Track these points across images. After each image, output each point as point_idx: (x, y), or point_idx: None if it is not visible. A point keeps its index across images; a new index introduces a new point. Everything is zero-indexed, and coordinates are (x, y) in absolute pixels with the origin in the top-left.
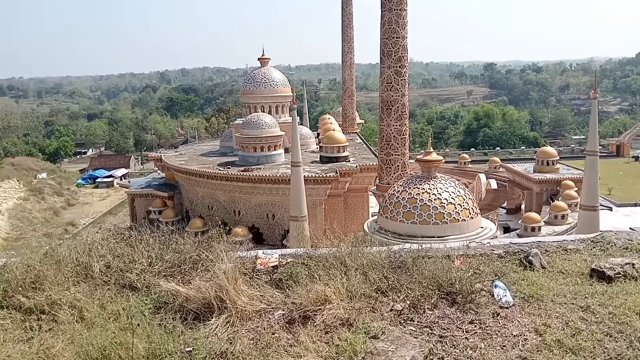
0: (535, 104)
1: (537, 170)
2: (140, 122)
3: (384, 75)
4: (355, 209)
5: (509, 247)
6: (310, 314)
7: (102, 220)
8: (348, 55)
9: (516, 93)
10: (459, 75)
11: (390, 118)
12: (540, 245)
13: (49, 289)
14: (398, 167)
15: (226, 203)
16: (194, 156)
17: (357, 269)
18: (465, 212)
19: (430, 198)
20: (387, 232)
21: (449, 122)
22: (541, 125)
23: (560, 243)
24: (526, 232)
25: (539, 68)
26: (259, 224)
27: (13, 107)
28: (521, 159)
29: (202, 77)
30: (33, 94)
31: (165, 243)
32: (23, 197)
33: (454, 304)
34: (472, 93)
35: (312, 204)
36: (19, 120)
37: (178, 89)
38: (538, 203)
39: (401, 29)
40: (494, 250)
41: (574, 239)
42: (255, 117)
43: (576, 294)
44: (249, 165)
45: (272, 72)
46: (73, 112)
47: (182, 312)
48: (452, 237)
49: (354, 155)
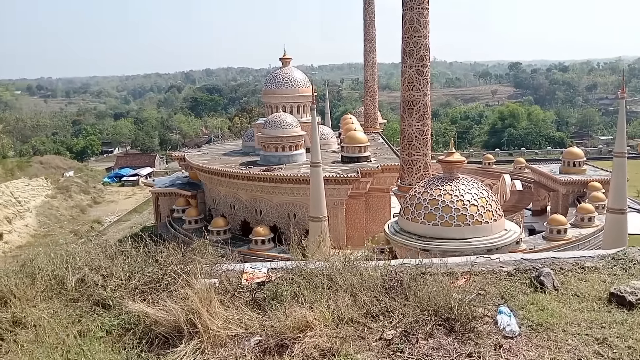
0: (562, 103)
1: (564, 172)
2: (165, 122)
3: (405, 74)
4: (377, 209)
5: (520, 263)
6: (288, 342)
7: (128, 218)
8: (370, 55)
9: (542, 93)
10: (483, 74)
11: (411, 118)
12: (555, 262)
13: (13, 306)
14: (420, 167)
15: (248, 202)
16: (216, 156)
17: (346, 289)
18: (489, 214)
19: (453, 199)
20: (407, 234)
21: (473, 122)
22: (567, 126)
23: (577, 260)
24: (551, 234)
25: (565, 67)
26: (280, 224)
27: (42, 107)
28: (547, 160)
29: (226, 77)
30: (61, 93)
31: (149, 254)
32: (51, 195)
33: (451, 333)
34: (496, 92)
35: (333, 204)
36: (48, 120)
37: (202, 89)
38: (564, 205)
39: (423, 28)
40: (503, 267)
41: (593, 255)
42: (277, 117)
43: (592, 323)
44: (270, 165)
45: (294, 72)
46: (100, 112)
47: (149, 336)
48: (474, 239)
49: (375, 155)
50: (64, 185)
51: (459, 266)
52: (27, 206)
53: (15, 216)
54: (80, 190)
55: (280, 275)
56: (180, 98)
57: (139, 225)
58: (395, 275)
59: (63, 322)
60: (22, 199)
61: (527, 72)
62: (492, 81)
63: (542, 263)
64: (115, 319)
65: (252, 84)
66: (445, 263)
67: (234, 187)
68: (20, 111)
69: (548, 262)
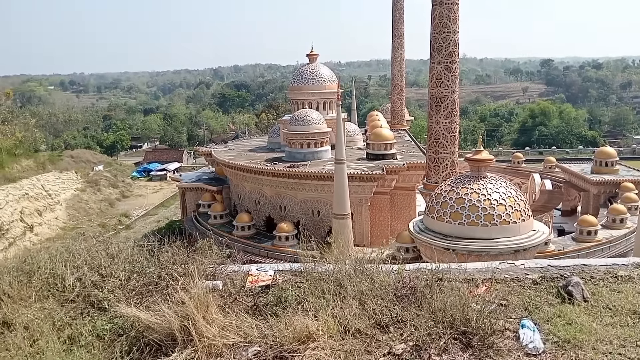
0: (595, 101)
1: (595, 171)
2: (193, 118)
3: (433, 71)
4: (402, 207)
5: (547, 270)
6: (288, 354)
7: (155, 212)
8: (398, 51)
9: (574, 90)
10: (514, 71)
11: (439, 115)
12: (585, 270)
13: (5, 307)
14: (447, 165)
15: (272, 198)
16: (242, 151)
17: (355, 296)
18: (517, 214)
19: (480, 198)
20: (432, 233)
21: (503, 119)
22: (600, 124)
23: (609, 268)
24: (581, 235)
25: (599, 64)
26: (304, 220)
27: (74, 102)
28: (578, 159)
29: (253, 73)
30: (93, 89)
31: (152, 253)
32: (80, 188)
33: (468, 348)
34: (527, 90)
35: (357, 201)
36: (79, 114)
37: (230, 85)
38: (595, 205)
39: (452, 24)
40: (527, 275)
41: (627, 263)
42: (302, 114)
43: (625, 341)
44: (295, 162)
45: (320, 69)
46: (130, 107)
47: (141, 343)
48: (501, 240)
49: (401, 152)
50: (93, 179)
51: (479, 272)
52: (57, 199)
53: (46, 209)
54: (109, 184)
55: (287, 279)
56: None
57: (165, 220)
58: (409, 282)
59: (55, 325)
60: (52, 192)
61: (559, 69)
62: (523, 78)
63: (570, 271)
64: (108, 323)
65: (279, 80)
66: (465, 269)
67: (259, 183)
68: (53, 106)
69: (577, 270)
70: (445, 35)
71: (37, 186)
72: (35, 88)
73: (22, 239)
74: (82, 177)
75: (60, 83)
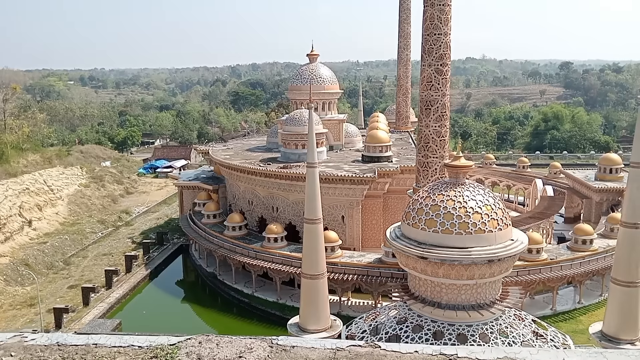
0: (613, 106)
1: (599, 178)
2: (206, 115)
3: (424, 73)
4: (396, 211)
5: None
6: None
7: (156, 210)
8: (404, 52)
9: (592, 94)
10: (532, 73)
11: (429, 119)
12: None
13: None
14: (435, 170)
15: (265, 199)
16: (239, 151)
17: None
18: (493, 223)
19: (455, 206)
20: (407, 240)
21: (517, 122)
22: (615, 129)
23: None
24: (576, 244)
25: (619, 68)
26: (295, 222)
27: (92, 97)
28: (589, 165)
29: (271, 71)
30: (112, 84)
31: None
32: (84, 184)
33: None
34: (545, 93)
35: (348, 204)
36: (96, 110)
37: (246, 83)
38: (597, 213)
39: (444, 25)
40: None
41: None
42: (298, 114)
43: None
44: (289, 162)
45: (320, 69)
46: (146, 103)
47: None
48: (475, 249)
49: (399, 155)
50: (98, 175)
51: None
52: (59, 194)
53: (47, 204)
54: (113, 180)
55: None
56: (225, 92)
57: (165, 217)
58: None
59: None
60: (55, 187)
61: (579, 72)
62: (541, 81)
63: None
64: None
65: None
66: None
67: (252, 183)
68: (71, 101)
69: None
70: (436, 37)
71: (39, 181)
72: (54, 83)
73: (20, 234)
74: (87, 172)
75: (80, 78)
